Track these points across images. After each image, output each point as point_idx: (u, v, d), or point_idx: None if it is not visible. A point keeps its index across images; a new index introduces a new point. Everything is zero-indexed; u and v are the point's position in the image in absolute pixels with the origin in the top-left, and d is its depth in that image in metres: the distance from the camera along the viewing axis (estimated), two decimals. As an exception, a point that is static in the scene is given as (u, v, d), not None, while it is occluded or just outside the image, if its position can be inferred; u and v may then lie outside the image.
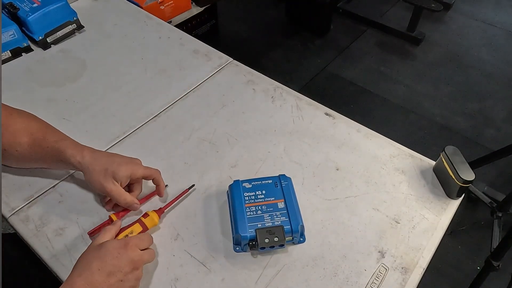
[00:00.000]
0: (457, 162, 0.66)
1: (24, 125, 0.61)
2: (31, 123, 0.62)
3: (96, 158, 0.59)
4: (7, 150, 0.60)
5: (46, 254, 0.58)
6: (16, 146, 0.60)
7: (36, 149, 0.60)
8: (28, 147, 0.60)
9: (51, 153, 0.60)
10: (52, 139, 0.61)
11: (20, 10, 0.91)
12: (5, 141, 0.59)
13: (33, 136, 0.60)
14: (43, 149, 0.60)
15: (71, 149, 0.59)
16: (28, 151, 0.60)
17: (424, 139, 1.90)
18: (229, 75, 0.89)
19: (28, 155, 0.61)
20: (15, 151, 0.60)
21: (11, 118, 0.61)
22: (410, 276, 0.58)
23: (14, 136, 0.60)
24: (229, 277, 0.57)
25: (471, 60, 2.35)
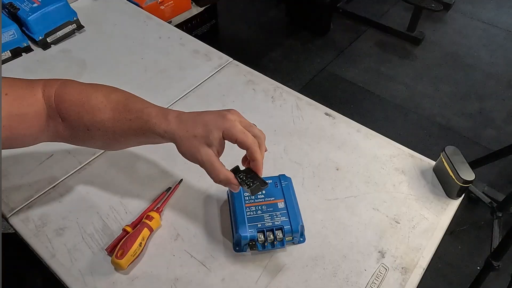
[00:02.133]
0: (457, 162, 0.66)
1: (102, 100, 0.53)
2: (108, 97, 0.54)
3: (183, 122, 0.51)
4: (90, 130, 0.53)
5: (46, 254, 0.58)
6: (98, 125, 0.53)
7: (120, 124, 0.52)
8: (110, 123, 0.52)
9: (135, 126, 0.52)
10: (135, 109, 0.53)
11: (20, 10, 0.91)
12: (85, 121, 0.53)
13: (114, 111, 0.53)
14: (126, 123, 0.52)
15: (155, 118, 0.51)
16: (112, 127, 0.53)
17: (424, 139, 1.91)
18: (229, 75, 0.89)
19: (113, 131, 0.53)
20: (97, 129, 0.53)
21: (85, 95, 0.53)
22: (410, 276, 0.58)
23: (93, 113, 0.52)
24: (229, 277, 0.57)
25: (471, 60, 2.35)
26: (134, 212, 0.63)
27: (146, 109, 0.52)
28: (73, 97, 0.53)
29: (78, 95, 0.53)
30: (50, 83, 0.54)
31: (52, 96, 0.52)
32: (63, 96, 0.53)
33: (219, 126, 0.50)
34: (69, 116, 0.53)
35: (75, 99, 0.53)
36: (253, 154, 0.50)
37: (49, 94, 0.53)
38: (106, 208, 0.64)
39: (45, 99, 0.52)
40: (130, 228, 0.59)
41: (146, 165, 0.71)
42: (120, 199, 0.65)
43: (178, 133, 0.50)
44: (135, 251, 0.56)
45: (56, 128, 0.54)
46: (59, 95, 0.53)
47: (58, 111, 0.53)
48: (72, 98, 0.53)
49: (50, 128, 0.54)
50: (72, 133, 0.55)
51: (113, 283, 0.55)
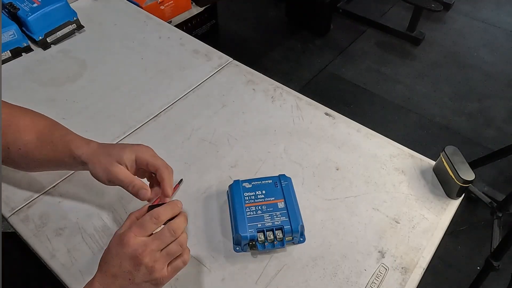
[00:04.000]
0: (457, 162, 0.66)
1: (29, 123, 0.58)
2: (36, 120, 0.59)
3: (102, 147, 0.56)
4: (10, 148, 0.57)
5: (46, 254, 0.58)
6: (19, 144, 0.56)
7: (42, 146, 0.57)
8: (33, 145, 0.57)
9: (57, 148, 0.57)
10: (59, 133, 0.58)
11: (20, 10, 0.91)
12: (7, 139, 0.56)
13: (39, 133, 0.57)
14: (49, 145, 0.57)
15: (78, 141, 0.56)
16: (33, 149, 0.57)
17: (424, 139, 1.91)
18: (229, 75, 0.89)
19: (32, 153, 0.57)
20: (18, 149, 0.57)
21: (14, 116, 0.58)
22: (410, 276, 0.58)
23: (18, 133, 0.56)
24: (229, 277, 0.57)
25: (471, 60, 2.35)
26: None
27: (69, 135, 0.58)
28: (2, 115, 0.56)
29: (6, 115, 0.56)
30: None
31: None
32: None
33: (133, 149, 0.55)
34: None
35: (4, 117, 0.56)
36: (162, 175, 0.55)
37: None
38: (106, 208, 0.64)
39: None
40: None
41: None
42: (120, 199, 0.65)
43: (96, 156, 0.54)
44: None
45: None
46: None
47: None
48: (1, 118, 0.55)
49: None
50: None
51: (113, 283, 0.55)
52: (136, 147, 0.55)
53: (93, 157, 0.54)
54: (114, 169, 0.53)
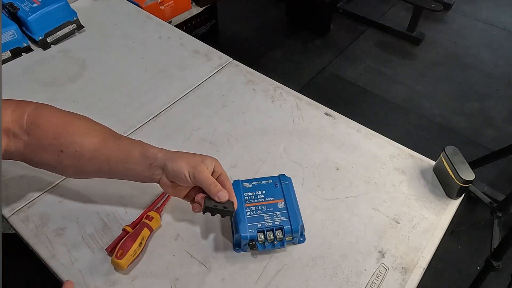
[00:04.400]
0: (457, 162, 0.66)
1: (85, 126, 0.57)
2: (93, 125, 0.58)
3: (178, 152, 0.56)
4: (64, 151, 0.54)
5: (46, 254, 0.58)
6: (76, 146, 0.54)
7: (105, 148, 0.55)
8: (93, 147, 0.55)
9: (124, 150, 0.55)
10: (124, 139, 0.57)
11: (20, 10, 0.91)
12: (62, 142, 0.54)
13: (100, 135, 0.56)
14: (114, 147, 0.55)
15: (149, 145, 0.57)
16: (93, 150, 0.55)
17: (424, 139, 1.91)
18: (229, 75, 0.89)
19: (90, 156, 0.55)
20: (74, 151, 0.54)
21: (67, 117, 0.56)
22: (410, 276, 0.58)
23: (74, 136, 0.55)
24: (229, 277, 0.57)
25: (471, 60, 2.35)
26: (134, 212, 0.63)
27: (136, 141, 0.58)
28: (53, 118, 0.55)
29: (58, 119, 0.56)
30: (23, 103, 0.55)
31: (23, 116, 0.53)
32: (40, 117, 0.54)
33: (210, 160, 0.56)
34: (44, 136, 0.54)
35: (55, 121, 0.55)
36: (226, 181, 0.56)
37: (20, 114, 0.53)
38: (106, 208, 0.64)
39: (14, 118, 0.53)
40: (130, 228, 0.59)
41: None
42: (120, 199, 0.65)
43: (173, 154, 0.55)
44: (135, 251, 0.56)
45: (14, 145, 0.54)
46: (35, 116, 0.54)
47: (29, 131, 0.53)
48: (51, 119, 0.55)
49: (5, 145, 0.53)
50: (34, 152, 0.55)
51: (113, 283, 0.55)
52: (212, 158, 0.57)
53: (173, 156, 0.55)
54: (201, 168, 0.54)
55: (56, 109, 0.57)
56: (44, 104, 0.57)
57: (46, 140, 0.54)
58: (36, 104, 0.56)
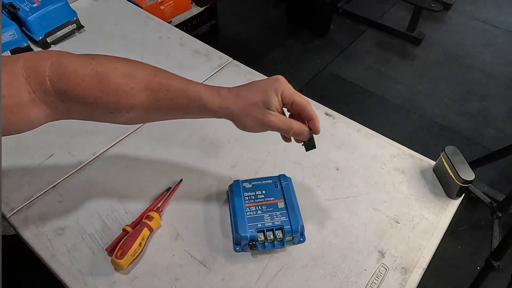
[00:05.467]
0: (457, 162, 0.66)
1: (125, 81, 0.47)
2: (136, 75, 0.48)
3: (239, 95, 0.49)
4: (113, 112, 0.48)
5: (46, 254, 0.58)
6: (125, 107, 0.47)
7: (156, 106, 0.49)
8: (143, 106, 0.48)
9: (179, 105, 0.49)
10: (175, 87, 0.48)
11: (20, 10, 0.91)
12: (109, 105, 0.47)
13: (147, 92, 0.48)
14: (166, 104, 0.49)
15: (205, 95, 0.49)
16: (145, 109, 0.49)
17: (424, 139, 1.91)
18: (229, 75, 0.89)
19: (144, 113, 0.49)
20: (125, 112, 0.48)
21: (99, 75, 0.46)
22: (410, 276, 0.58)
23: (118, 97, 0.46)
24: (229, 277, 0.57)
25: (471, 60, 2.35)
26: (134, 212, 0.63)
27: (191, 87, 0.49)
28: (83, 81, 0.45)
29: (90, 79, 0.45)
30: (35, 63, 0.44)
31: (45, 81, 0.44)
32: (67, 81, 0.45)
33: (276, 89, 0.49)
34: (84, 101, 0.46)
35: (88, 84, 0.45)
36: (310, 113, 0.51)
37: (38, 80, 0.44)
38: (106, 208, 0.64)
39: (32, 86, 0.44)
40: (130, 228, 0.59)
41: (146, 165, 0.70)
42: (120, 199, 0.65)
43: (235, 107, 0.49)
44: (135, 251, 0.56)
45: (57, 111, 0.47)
46: (59, 80, 0.44)
47: (62, 97, 0.45)
48: (83, 83, 0.45)
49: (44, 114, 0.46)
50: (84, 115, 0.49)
51: (113, 283, 0.55)
52: (279, 85, 0.49)
53: (234, 112, 0.49)
54: (268, 120, 0.49)
55: (78, 61, 0.46)
56: (61, 55, 0.46)
57: (87, 104, 0.46)
58: (52, 61, 0.45)
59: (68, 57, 0.46)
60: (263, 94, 0.49)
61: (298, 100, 0.50)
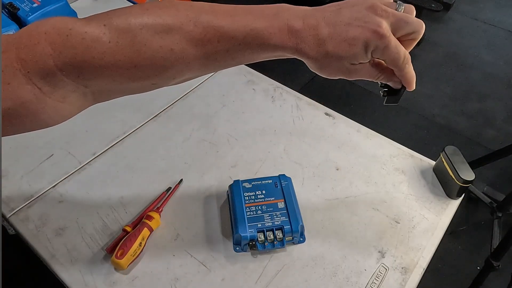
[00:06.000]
0: (457, 162, 0.66)
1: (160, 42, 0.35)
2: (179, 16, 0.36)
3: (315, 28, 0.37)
4: (157, 83, 0.39)
5: (46, 254, 0.58)
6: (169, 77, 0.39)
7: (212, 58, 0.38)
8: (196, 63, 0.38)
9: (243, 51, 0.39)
10: (229, 34, 0.37)
11: (20, 10, 0.90)
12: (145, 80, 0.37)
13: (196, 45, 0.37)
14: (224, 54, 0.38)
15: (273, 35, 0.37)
16: (196, 70, 0.40)
17: (424, 139, 1.91)
18: (229, 75, 0.89)
19: (196, 74, 0.41)
20: (170, 82, 0.40)
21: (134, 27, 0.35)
22: (410, 276, 0.58)
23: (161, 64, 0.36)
24: (229, 277, 0.57)
25: (471, 60, 2.35)
26: (134, 212, 0.63)
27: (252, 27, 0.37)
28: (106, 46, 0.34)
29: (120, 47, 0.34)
30: (30, 53, 0.33)
31: (55, 74, 0.34)
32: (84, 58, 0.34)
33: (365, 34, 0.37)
34: (107, 82, 0.37)
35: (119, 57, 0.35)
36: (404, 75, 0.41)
37: (44, 74, 0.34)
38: (106, 208, 0.64)
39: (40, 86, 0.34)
40: (130, 228, 0.59)
41: (146, 165, 0.71)
42: (120, 199, 0.65)
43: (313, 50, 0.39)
44: (135, 251, 0.56)
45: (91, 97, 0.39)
46: (70, 63, 0.34)
47: (86, 84, 0.36)
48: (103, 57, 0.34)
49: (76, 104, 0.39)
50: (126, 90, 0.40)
51: (113, 283, 0.55)
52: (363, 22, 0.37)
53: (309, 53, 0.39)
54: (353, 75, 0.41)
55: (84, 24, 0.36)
56: (60, 25, 0.34)
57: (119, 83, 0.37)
58: (50, 41, 0.33)
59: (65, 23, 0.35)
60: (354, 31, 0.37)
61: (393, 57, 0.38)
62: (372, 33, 0.36)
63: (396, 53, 0.38)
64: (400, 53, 0.38)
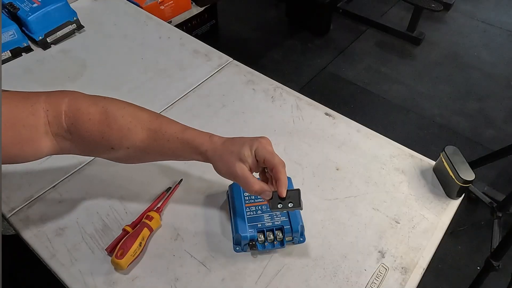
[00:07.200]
0: (457, 162, 0.66)
1: (130, 119, 0.53)
2: (138, 115, 0.54)
3: (224, 144, 0.54)
4: (115, 148, 0.53)
5: (46, 254, 0.58)
6: (127, 144, 0.53)
7: (154, 144, 0.54)
8: (144, 143, 0.53)
9: (173, 146, 0.54)
10: (172, 129, 0.55)
11: (20, 10, 0.91)
12: (112, 140, 0.52)
13: (148, 131, 0.53)
14: (162, 143, 0.54)
15: (200, 138, 0.55)
16: (144, 147, 0.54)
17: (424, 139, 1.91)
18: (229, 75, 0.89)
19: (144, 150, 0.54)
20: (126, 148, 0.53)
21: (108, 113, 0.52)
22: (410, 276, 0.58)
23: (122, 133, 0.52)
24: (229, 277, 0.57)
25: (471, 60, 2.35)
26: (134, 212, 0.63)
27: (187, 131, 0.55)
28: (94, 116, 0.51)
29: (100, 114, 0.51)
30: (54, 99, 0.50)
31: (61, 115, 0.49)
32: (79, 115, 0.50)
33: (252, 145, 0.53)
34: (90, 136, 0.51)
35: (97, 118, 0.51)
36: (277, 174, 0.53)
37: (56, 113, 0.49)
38: (106, 208, 0.64)
39: (49, 118, 0.49)
40: (130, 228, 0.59)
41: (146, 165, 0.70)
42: (120, 199, 0.65)
43: (218, 151, 0.54)
44: (135, 251, 0.56)
45: (61, 145, 0.51)
46: (73, 115, 0.50)
47: (71, 130, 0.50)
48: (93, 118, 0.51)
49: (51, 146, 0.50)
50: (85, 150, 0.54)
51: (113, 283, 0.55)
52: (256, 143, 0.53)
53: (215, 155, 0.54)
54: (235, 170, 0.52)
55: (91, 100, 0.52)
56: (75, 95, 0.52)
57: (93, 138, 0.51)
58: (69, 98, 0.51)
59: (82, 96, 0.52)
60: (240, 146, 0.53)
61: (268, 158, 0.52)
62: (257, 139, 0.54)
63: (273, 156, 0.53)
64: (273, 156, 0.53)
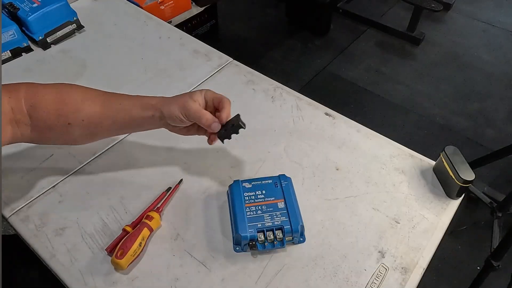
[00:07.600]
0: (457, 162, 0.66)
1: (82, 95, 0.58)
2: (88, 91, 0.59)
3: (174, 96, 0.60)
4: (72, 123, 0.56)
5: (46, 254, 0.58)
6: (82, 115, 0.56)
7: (108, 111, 0.58)
8: (98, 112, 0.57)
9: (128, 107, 0.58)
10: (123, 95, 0.60)
11: (20, 10, 0.91)
12: (67, 115, 0.56)
13: (101, 101, 0.58)
14: (114, 106, 0.58)
15: (147, 97, 0.60)
16: (99, 115, 0.58)
17: (424, 139, 1.91)
18: (229, 75, 0.89)
19: (99, 119, 0.58)
20: (81, 121, 0.57)
21: (61, 91, 0.57)
22: (410, 276, 0.58)
23: (77, 107, 0.56)
24: (229, 277, 0.57)
25: (471, 60, 2.35)
26: (134, 212, 0.63)
27: (139, 97, 0.60)
28: (48, 94, 0.55)
29: (54, 93, 0.56)
30: (13, 87, 0.55)
31: (20, 100, 0.53)
32: (36, 97, 0.55)
33: (201, 91, 0.60)
34: (47, 115, 0.54)
35: (52, 97, 0.55)
36: (223, 104, 0.60)
37: (16, 99, 0.53)
38: (106, 208, 0.64)
39: (13, 105, 0.53)
40: (130, 228, 0.59)
41: (146, 165, 0.71)
42: (120, 199, 0.65)
43: (168, 99, 0.59)
44: (135, 251, 0.56)
45: (22, 131, 0.55)
46: (30, 97, 0.54)
47: (31, 114, 0.54)
48: (47, 96, 0.55)
49: (13, 134, 0.54)
50: (44, 132, 0.56)
51: (113, 283, 0.55)
52: (205, 90, 0.60)
53: (166, 102, 0.58)
54: (189, 104, 0.57)
55: (45, 84, 0.57)
56: (31, 83, 0.57)
57: (50, 117, 0.55)
58: (26, 85, 0.56)
59: (37, 83, 0.57)
60: (189, 93, 0.59)
61: (216, 96, 0.60)
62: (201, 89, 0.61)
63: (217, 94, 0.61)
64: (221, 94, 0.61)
